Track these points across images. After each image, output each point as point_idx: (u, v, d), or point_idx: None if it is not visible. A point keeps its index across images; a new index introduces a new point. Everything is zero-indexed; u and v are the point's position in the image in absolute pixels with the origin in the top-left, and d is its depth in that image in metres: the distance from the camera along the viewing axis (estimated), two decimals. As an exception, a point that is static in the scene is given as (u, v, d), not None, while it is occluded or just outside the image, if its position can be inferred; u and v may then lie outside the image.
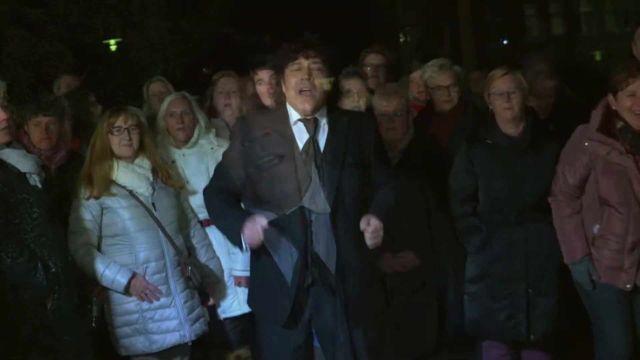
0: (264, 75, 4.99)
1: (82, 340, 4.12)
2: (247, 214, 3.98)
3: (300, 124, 4.04)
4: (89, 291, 4.64)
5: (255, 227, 3.86)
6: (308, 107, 3.99)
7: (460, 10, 18.82)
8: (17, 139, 4.36)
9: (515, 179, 4.65)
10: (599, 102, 4.51)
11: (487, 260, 4.71)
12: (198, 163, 5.19)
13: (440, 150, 5.02)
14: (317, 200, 3.96)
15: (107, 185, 4.67)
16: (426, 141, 5.01)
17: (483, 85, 5.05)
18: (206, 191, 4.28)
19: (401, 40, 37.38)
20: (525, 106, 4.71)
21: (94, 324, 4.60)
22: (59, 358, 3.97)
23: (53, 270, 3.95)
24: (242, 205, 4.15)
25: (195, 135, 5.25)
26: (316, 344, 4.42)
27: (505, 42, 33.77)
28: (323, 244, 3.98)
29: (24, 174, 4.06)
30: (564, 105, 5.41)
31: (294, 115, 4.05)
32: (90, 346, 4.25)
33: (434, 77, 5.53)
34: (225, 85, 5.72)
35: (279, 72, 4.10)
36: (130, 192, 4.71)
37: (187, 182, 5.12)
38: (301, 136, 4.03)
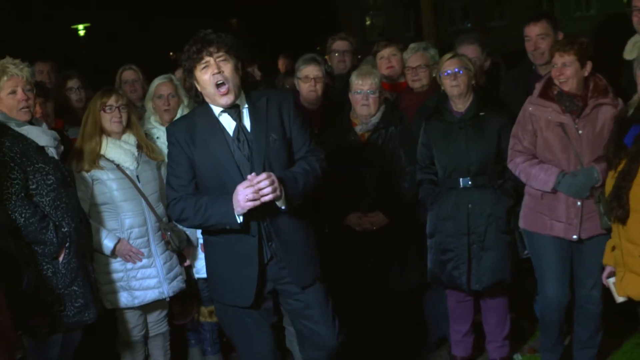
0: None
1: (88, 291, 4.70)
2: (225, 196, 4.05)
3: (225, 114, 4.16)
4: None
5: (239, 196, 3.95)
6: (229, 100, 4.10)
7: (423, -6, 19.11)
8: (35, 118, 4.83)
9: (460, 149, 5.22)
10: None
11: (438, 219, 5.32)
12: (180, 140, 5.60)
13: (406, 126, 5.57)
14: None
15: (96, 159, 5.11)
16: (395, 116, 5.59)
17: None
18: (176, 201, 4.21)
19: (367, 23, 37.87)
20: (471, 85, 5.28)
21: None
22: (68, 305, 4.58)
23: (65, 229, 4.59)
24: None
25: (179, 114, 5.55)
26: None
27: (468, 25, 34.27)
28: (270, 220, 4.15)
29: (42, 147, 4.64)
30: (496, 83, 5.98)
31: (216, 109, 4.17)
32: (96, 297, 4.83)
33: (406, 59, 6.10)
34: None
35: (189, 75, 4.16)
36: (118, 165, 5.14)
37: None
38: (229, 125, 4.16)
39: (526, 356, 5.67)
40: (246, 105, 4.19)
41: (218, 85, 4.07)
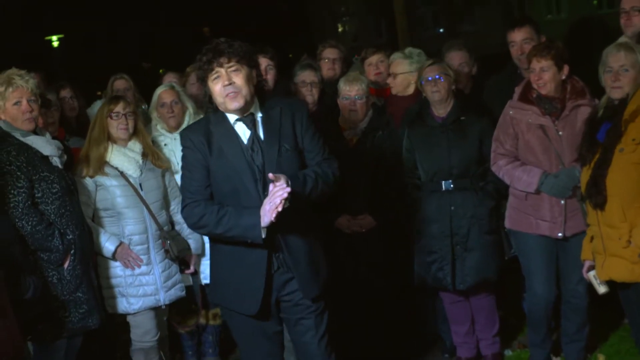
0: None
1: (91, 297, 4.80)
2: (251, 209, 3.97)
3: (240, 123, 4.13)
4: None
5: (267, 205, 3.88)
6: (238, 105, 4.04)
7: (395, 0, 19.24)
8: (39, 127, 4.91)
9: (442, 153, 5.34)
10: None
11: (422, 221, 5.44)
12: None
13: (392, 130, 5.70)
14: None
15: (101, 165, 5.20)
16: (383, 121, 5.71)
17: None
18: (195, 204, 4.13)
19: (339, 30, 37.96)
20: (451, 90, 5.42)
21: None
22: (72, 311, 4.68)
23: (70, 237, 4.70)
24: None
25: (186, 120, 5.68)
26: None
27: (441, 30, 34.42)
28: (279, 231, 4.07)
29: (47, 156, 4.73)
30: (479, 89, 6.08)
31: (231, 117, 4.14)
32: (99, 303, 4.92)
33: (391, 66, 6.22)
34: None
35: (203, 83, 4.13)
36: (121, 172, 5.21)
37: (178, 162, 5.14)
38: (244, 133, 4.13)
39: (516, 352, 5.80)
40: (260, 115, 4.17)
41: (227, 95, 4.05)
